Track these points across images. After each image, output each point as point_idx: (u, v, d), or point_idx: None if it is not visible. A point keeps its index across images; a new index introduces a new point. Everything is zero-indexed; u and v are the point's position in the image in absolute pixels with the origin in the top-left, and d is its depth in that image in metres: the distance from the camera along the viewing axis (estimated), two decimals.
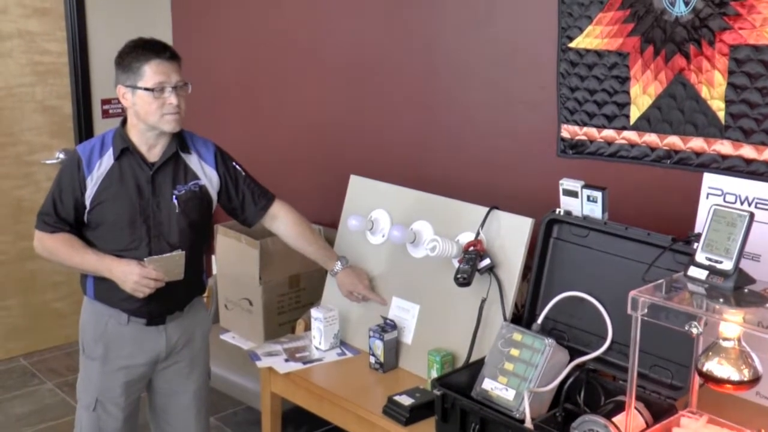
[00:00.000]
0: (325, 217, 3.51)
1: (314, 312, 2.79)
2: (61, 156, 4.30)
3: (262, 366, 2.71)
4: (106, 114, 4.41)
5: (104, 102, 4.40)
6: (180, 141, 2.48)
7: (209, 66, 4.29)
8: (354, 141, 3.65)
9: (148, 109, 2.36)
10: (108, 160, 2.41)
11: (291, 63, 3.89)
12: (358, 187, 2.96)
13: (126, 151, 2.42)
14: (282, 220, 2.69)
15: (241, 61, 4.19)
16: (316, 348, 2.78)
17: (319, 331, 2.76)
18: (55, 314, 4.45)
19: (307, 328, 2.94)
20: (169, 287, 2.41)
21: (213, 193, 2.55)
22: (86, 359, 2.54)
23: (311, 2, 3.74)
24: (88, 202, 2.40)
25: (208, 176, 2.53)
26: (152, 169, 2.43)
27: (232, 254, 3.54)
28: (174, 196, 2.44)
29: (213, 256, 3.75)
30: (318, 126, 3.82)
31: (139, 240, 2.41)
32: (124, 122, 2.47)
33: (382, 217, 2.82)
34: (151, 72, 2.34)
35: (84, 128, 4.35)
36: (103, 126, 4.38)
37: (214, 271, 3.78)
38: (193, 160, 2.50)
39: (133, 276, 2.34)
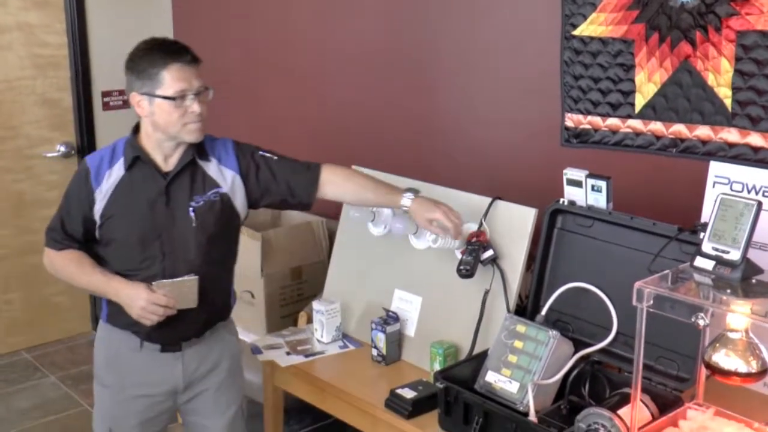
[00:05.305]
0: (327, 208, 3.48)
1: (316, 304, 2.77)
2: (62, 149, 4.28)
3: (263, 359, 2.69)
4: (106, 106, 4.38)
5: (105, 94, 4.37)
6: (197, 147, 2.24)
7: (211, 57, 4.23)
8: (356, 131, 3.62)
9: (168, 119, 2.15)
10: (118, 170, 2.21)
11: (292, 54, 3.87)
12: None
13: (138, 160, 2.20)
14: (331, 184, 2.37)
15: (242, 50, 4.16)
16: (318, 341, 2.75)
17: (321, 323, 2.74)
18: (56, 308, 4.44)
19: (309, 320, 2.92)
20: (184, 312, 2.19)
21: (237, 201, 2.28)
22: (99, 387, 2.37)
23: None
24: (97, 217, 2.20)
25: (229, 182, 2.27)
26: (167, 179, 2.20)
27: None
28: (191, 209, 2.21)
29: None
30: (319, 116, 3.79)
31: (152, 258, 2.19)
32: (135, 129, 2.25)
33: (384, 208, 2.79)
34: (170, 78, 2.12)
35: (85, 121, 4.32)
36: (104, 118, 4.37)
37: None
38: (211, 168, 2.26)
39: (140, 301, 2.12)
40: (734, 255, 1.73)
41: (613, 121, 2.65)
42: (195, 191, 2.23)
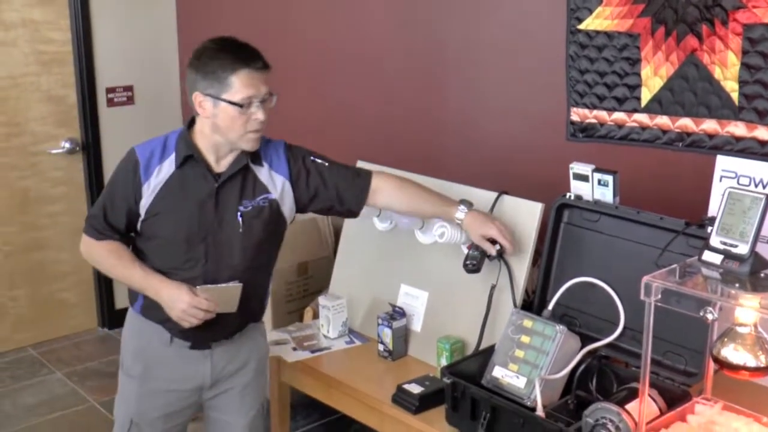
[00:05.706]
0: None
1: (322, 300, 2.77)
2: (67, 146, 4.28)
3: (270, 355, 2.68)
4: (110, 103, 4.37)
5: (109, 90, 4.36)
6: (252, 152, 2.21)
7: None
8: (361, 126, 3.62)
9: (230, 125, 2.10)
10: (168, 166, 2.15)
11: (298, 48, 3.86)
12: None
13: (190, 158, 2.16)
14: (382, 193, 2.33)
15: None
16: (325, 336, 2.75)
17: (327, 319, 2.74)
18: (62, 304, 4.44)
19: (316, 316, 2.92)
20: (219, 315, 2.17)
21: (285, 207, 2.25)
22: (124, 376, 2.33)
23: None
24: (142, 212, 2.16)
25: (279, 188, 2.23)
26: (218, 181, 2.16)
27: None
28: (239, 213, 2.17)
29: None
30: (324, 110, 3.79)
31: (195, 260, 2.16)
32: (190, 124, 2.19)
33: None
34: (239, 84, 2.07)
35: (89, 117, 4.32)
36: (108, 115, 4.36)
37: None
38: (263, 172, 2.22)
39: (182, 304, 2.10)
40: (742, 249, 1.72)
41: (619, 116, 2.64)
42: (245, 196, 2.19)
